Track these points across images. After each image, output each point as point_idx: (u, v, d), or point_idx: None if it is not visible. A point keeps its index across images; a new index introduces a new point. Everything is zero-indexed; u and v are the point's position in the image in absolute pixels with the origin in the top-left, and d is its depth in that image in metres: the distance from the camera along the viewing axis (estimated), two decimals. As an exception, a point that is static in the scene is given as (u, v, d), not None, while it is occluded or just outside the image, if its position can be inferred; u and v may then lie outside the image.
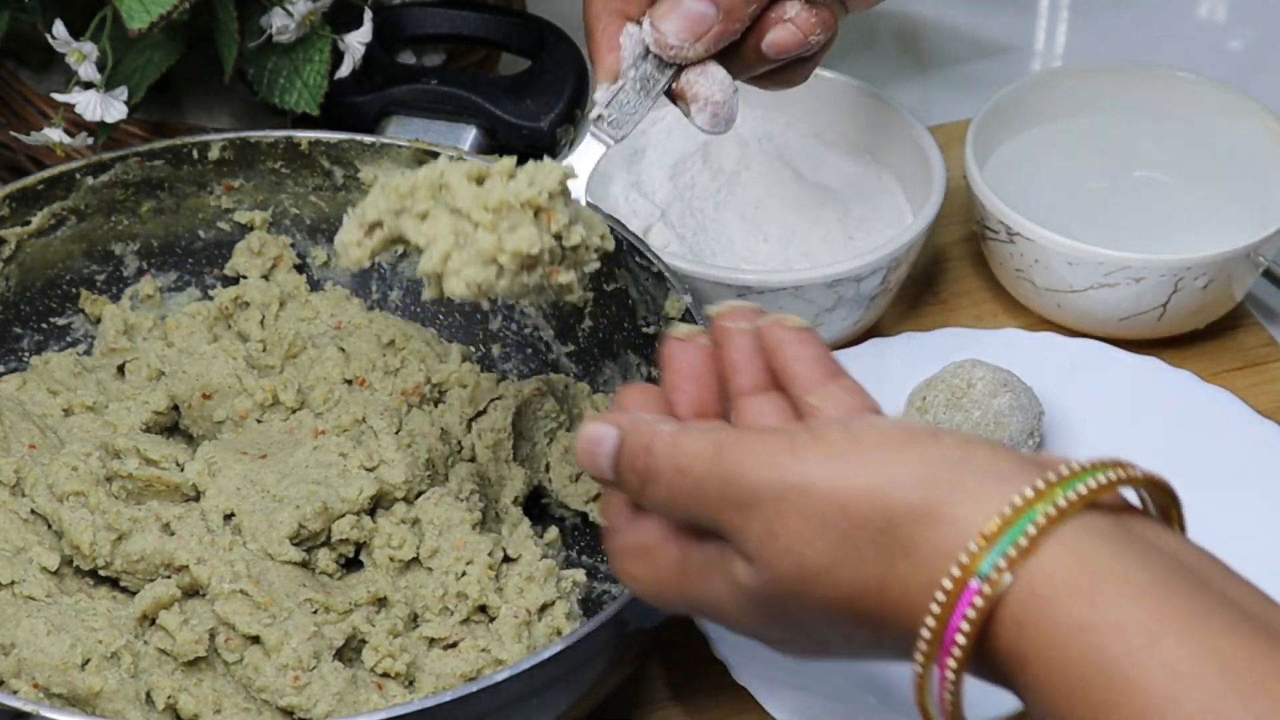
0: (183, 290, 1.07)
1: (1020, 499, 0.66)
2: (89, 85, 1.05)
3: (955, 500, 0.68)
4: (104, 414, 0.99)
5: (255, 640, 0.89)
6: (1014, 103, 1.19)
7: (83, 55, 1.04)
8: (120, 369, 1.03)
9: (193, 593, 0.91)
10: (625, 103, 0.92)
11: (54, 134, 1.05)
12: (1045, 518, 0.66)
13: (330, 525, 0.93)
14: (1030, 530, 0.66)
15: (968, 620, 0.66)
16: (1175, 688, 0.62)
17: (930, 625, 0.67)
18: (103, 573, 0.92)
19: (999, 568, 0.66)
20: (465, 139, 1.09)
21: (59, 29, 1.03)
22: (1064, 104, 1.21)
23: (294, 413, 0.99)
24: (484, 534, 0.94)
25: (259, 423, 0.99)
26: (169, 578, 0.91)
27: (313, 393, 1.00)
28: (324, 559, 0.93)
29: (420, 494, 0.95)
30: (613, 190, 1.14)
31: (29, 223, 1.02)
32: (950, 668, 0.67)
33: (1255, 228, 1.12)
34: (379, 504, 0.94)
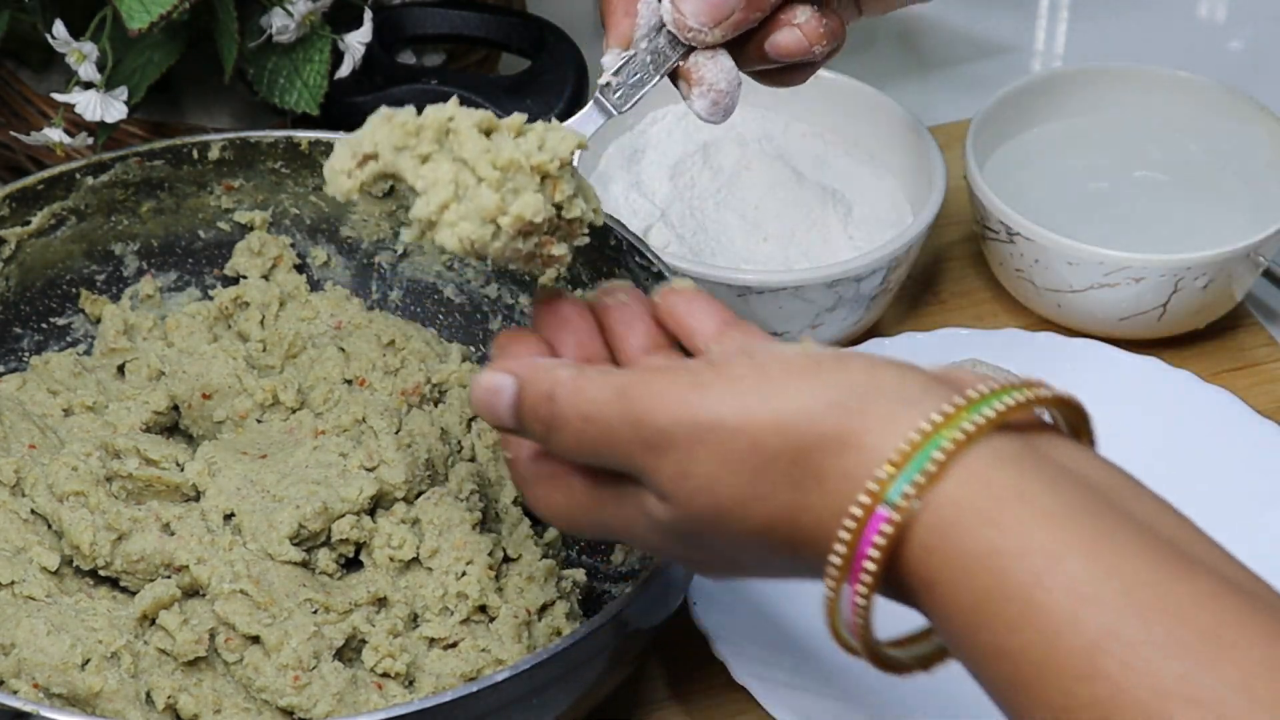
0: (183, 290, 1.07)
1: (927, 424, 0.67)
2: (89, 85, 1.05)
3: (863, 427, 0.68)
4: (104, 414, 0.99)
5: (255, 640, 0.89)
6: (1014, 103, 1.19)
7: (83, 55, 1.04)
8: (120, 369, 1.03)
9: (193, 593, 0.91)
10: (633, 74, 0.89)
11: (54, 134, 1.05)
12: (952, 443, 0.66)
13: (330, 525, 0.93)
14: (937, 456, 0.66)
15: (876, 547, 0.66)
16: (1077, 609, 0.63)
17: (840, 552, 0.67)
18: (103, 573, 0.92)
19: (906, 494, 0.66)
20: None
21: (59, 29, 1.03)
22: (1064, 104, 1.21)
23: (294, 413, 0.99)
24: (484, 534, 0.94)
25: (259, 423, 0.99)
26: (169, 578, 0.91)
27: (313, 393, 1.00)
28: (324, 559, 0.93)
29: (420, 494, 0.95)
30: (613, 190, 1.14)
31: (29, 223, 1.02)
32: (860, 593, 0.67)
33: (1255, 228, 1.12)
34: (379, 504, 0.94)
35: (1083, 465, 0.68)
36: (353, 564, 0.94)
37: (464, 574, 0.93)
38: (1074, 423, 0.71)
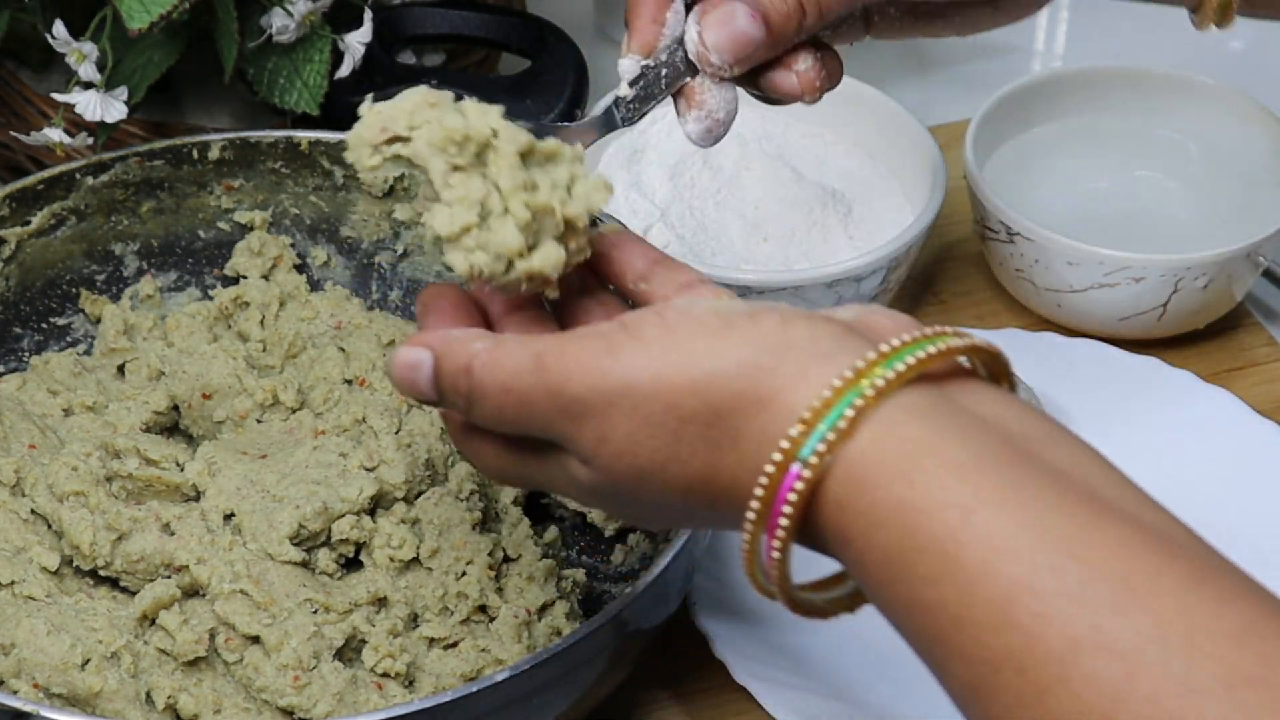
0: (183, 290, 1.07)
1: (840, 380, 0.67)
2: (89, 85, 1.05)
3: (777, 385, 0.68)
4: (104, 414, 0.99)
5: (255, 640, 0.89)
6: (1014, 103, 1.19)
7: (83, 55, 1.04)
8: (120, 369, 1.03)
9: (193, 593, 0.91)
10: (646, 87, 0.87)
11: (54, 134, 1.05)
12: (864, 398, 0.66)
13: (330, 525, 0.93)
14: (849, 412, 0.66)
15: (789, 504, 0.67)
16: (990, 561, 0.63)
17: (755, 509, 0.68)
18: (103, 573, 0.92)
19: (818, 452, 0.66)
20: (465, 139, 1.09)
21: (59, 29, 1.03)
22: (1064, 104, 1.21)
23: (294, 413, 0.99)
24: (484, 534, 0.94)
25: (259, 423, 0.99)
26: (169, 578, 0.91)
27: (313, 393, 1.00)
28: (324, 559, 0.93)
29: (420, 494, 0.95)
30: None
31: (29, 223, 1.02)
32: (775, 547, 0.68)
33: (1255, 228, 1.12)
34: (379, 504, 0.94)
35: (1000, 413, 0.68)
36: (353, 564, 0.94)
37: (464, 574, 0.93)
38: (994, 369, 0.70)
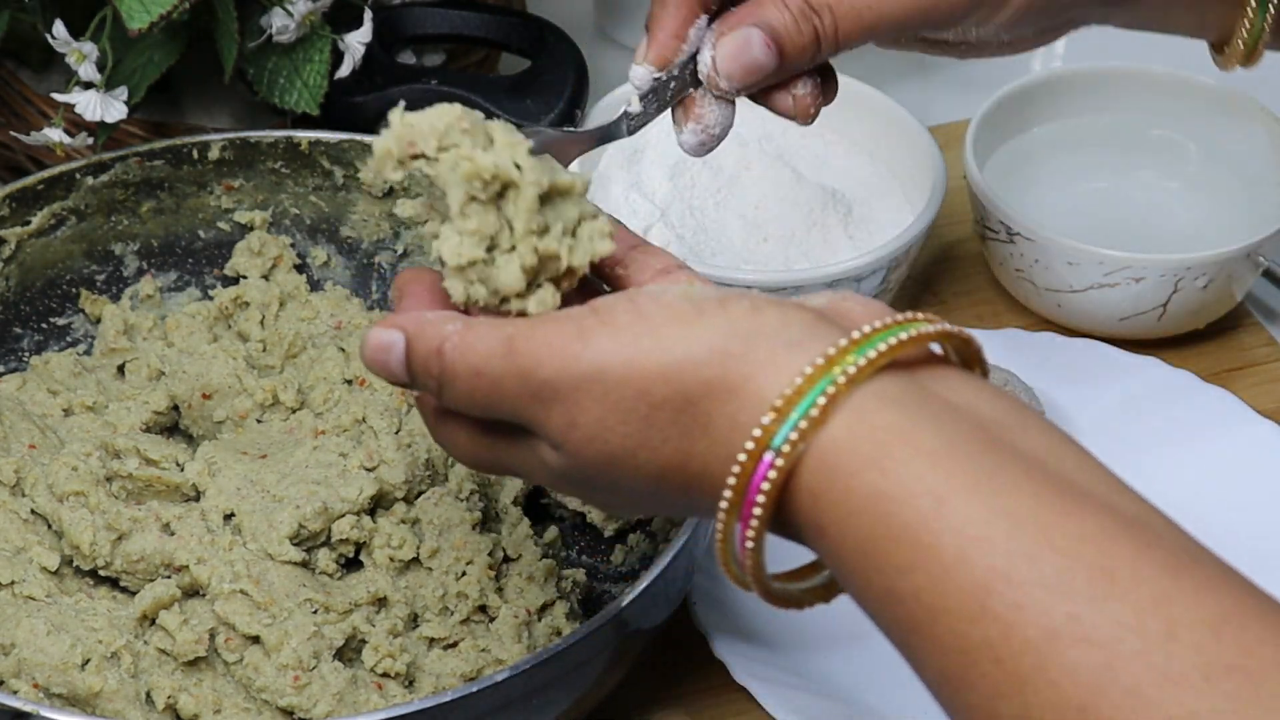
0: (183, 290, 1.07)
1: (811, 367, 0.66)
2: (89, 85, 1.05)
3: (746, 372, 0.68)
4: (104, 414, 0.99)
5: (255, 640, 0.89)
6: (1014, 103, 1.19)
7: (83, 55, 1.04)
8: (120, 369, 1.03)
9: (193, 593, 0.91)
10: (656, 99, 0.87)
11: (54, 134, 1.05)
12: (836, 386, 0.66)
13: (330, 525, 0.93)
14: (821, 400, 0.66)
15: (763, 493, 0.66)
16: (965, 550, 0.62)
17: (728, 498, 0.67)
18: (103, 573, 0.92)
19: (791, 440, 0.66)
20: (465, 139, 1.09)
21: (59, 29, 1.03)
22: (1064, 104, 1.20)
23: (294, 413, 0.99)
24: (484, 534, 0.94)
25: (259, 423, 0.99)
26: (169, 578, 0.91)
27: (313, 393, 1.00)
28: (324, 559, 0.93)
29: (420, 494, 0.95)
30: (613, 190, 1.14)
31: (29, 223, 1.02)
32: (749, 536, 0.67)
33: (1255, 228, 1.12)
34: (379, 504, 0.94)
35: (973, 400, 0.67)
36: (353, 564, 0.94)
37: (464, 574, 0.93)
38: (966, 355, 0.70)
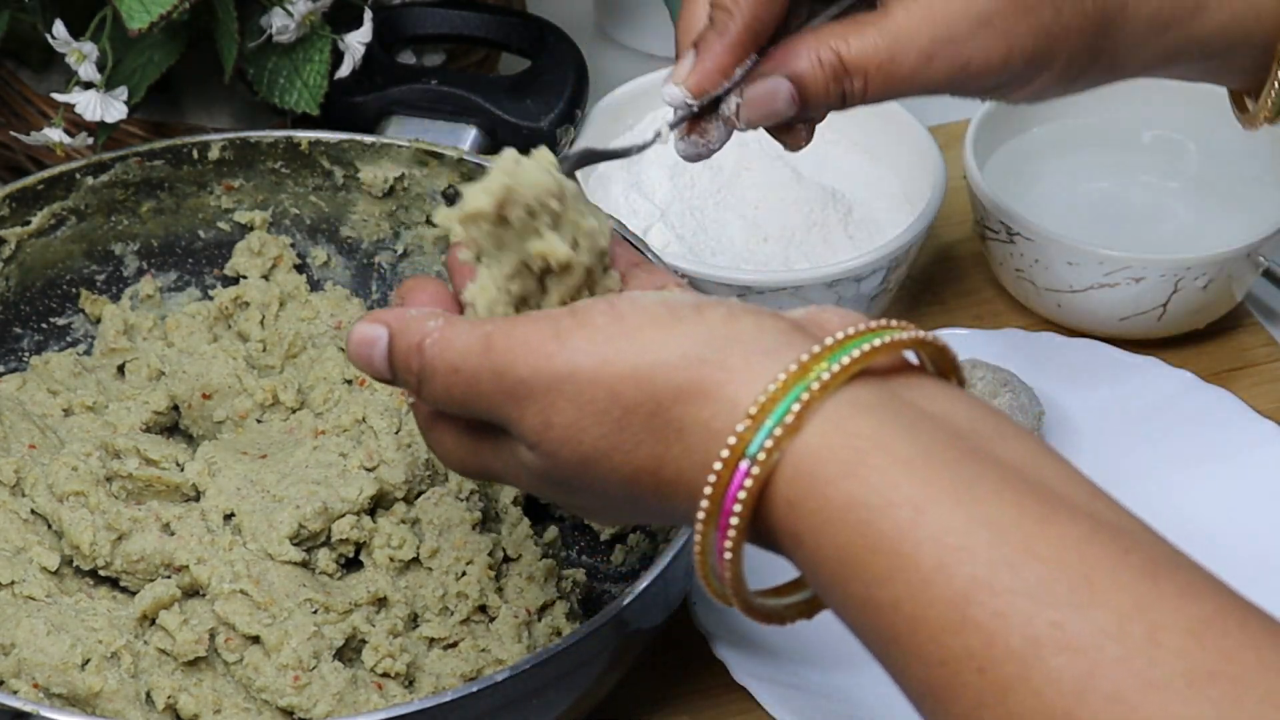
0: (183, 290, 1.07)
1: (785, 374, 0.66)
2: (89, 85, 1.05)
3: (719, 379, 0.68)
4: (104, 414, 0.99)
5: (255, 640, 0.89)
6: (1014, 103, 1.19)
7: (83, 55, 1.04)
8: (120, 369, 1.03)
9: (193, 593, 0.91)
10: (678, 121, 0.86)
11: (54, 134, 1.05)
12: (809, 393, 0.65)
13: (330, 525, 0.93)
14: (795, 407, 0.65)
15: (740, 501, 0.66)
16: (945, 560, 0.62)
17: (705, 507, 0.67)
18: (103, 573, 0.92)
19: (766, 447, 0.65)
20: (465, 139, 1.10)
21: (59, 29, 1.03)
22: (1064, 104, 1.20)
23: (294, 413, 0.99)
24: (484, 534, 0.94)
25: (259, 423, 0.99)
26: (169, 578, 0.91)
27: (313, 393, 1.00)
28: (324, 559, 0.93)
29: (420, 494, 0.95)
30: (613, 190, 1.14)
31: (29, 223, 1.02)
32: (727, 547, 0.67)
33: (1255, 228, 1.12)
34: (379, 504, 0.94)
35: (948, 408, 0.67)
36: (353, 564, 0.94)
37: (464, 574, 0.93)
38: (941, 364, 0.70)
